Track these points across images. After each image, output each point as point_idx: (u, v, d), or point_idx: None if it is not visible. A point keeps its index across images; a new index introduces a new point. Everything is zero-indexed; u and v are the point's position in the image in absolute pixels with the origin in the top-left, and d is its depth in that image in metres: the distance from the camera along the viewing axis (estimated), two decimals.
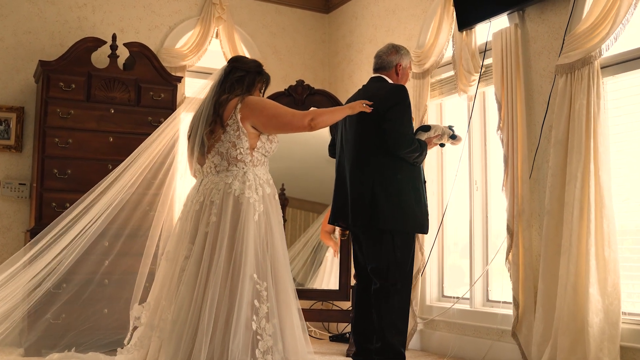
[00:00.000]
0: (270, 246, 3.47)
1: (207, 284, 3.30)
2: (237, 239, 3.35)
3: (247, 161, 3.50)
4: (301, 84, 5.57)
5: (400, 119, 3.87)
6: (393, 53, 4.14)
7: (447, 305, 5.03)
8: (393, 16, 5.82)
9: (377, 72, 4.15)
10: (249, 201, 3.42)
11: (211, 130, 3.52)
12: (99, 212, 3.84)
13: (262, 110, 3.51)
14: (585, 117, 3.91)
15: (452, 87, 5.11)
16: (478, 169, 4.98)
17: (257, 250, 3.40)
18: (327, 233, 5.81)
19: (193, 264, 3.38)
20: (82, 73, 5.06)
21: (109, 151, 5.09)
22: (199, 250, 3.40)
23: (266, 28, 6.49)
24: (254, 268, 3.34)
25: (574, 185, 3.89)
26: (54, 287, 3.81)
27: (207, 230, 3.41)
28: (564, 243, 3.91)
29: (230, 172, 3.49)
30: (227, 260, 3.32)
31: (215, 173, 3.53)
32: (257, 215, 3.43)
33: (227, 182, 3.46)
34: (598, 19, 3.92)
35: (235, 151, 3.48)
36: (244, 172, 3.49)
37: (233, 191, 3.43)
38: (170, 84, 5.39)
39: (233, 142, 3.47)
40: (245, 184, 3.45)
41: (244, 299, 3.26)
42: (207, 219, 3.44)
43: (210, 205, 3.45)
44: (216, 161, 3.52)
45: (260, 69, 3.72)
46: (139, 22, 5.83)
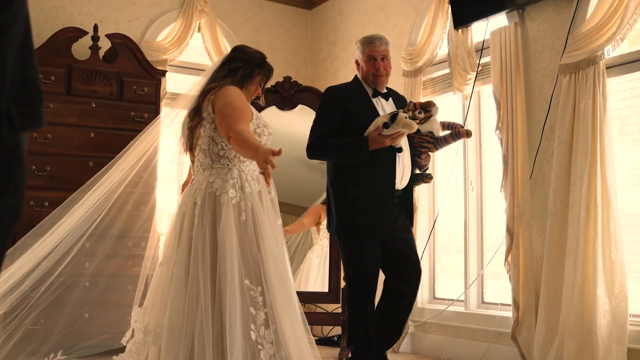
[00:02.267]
0: (262, 247, 3.23)
1: (198, 293, 3.05)
2: (219, 243, 3.09)
3: (231, 157, 3.23)
4: (288, 80, 5.44)
5: (313, 123, 3.85)
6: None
7: (439, 307, 4.95)
8: (382, 13, 5.73)
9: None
10: (232, 201, 3.15)
11: (194, 122, 3.29)
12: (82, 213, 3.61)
13: (224, 96, 3.18)
14: (592, 117, 3.87)
15: (446, 86, 5.04)
16: (473, 169, 4.91)
17: (247, 253, 3.14)
18: (302, 225, 5.70)
19: (180, 271, 3.15)
20: (62, 65, 4.83)
21: (90, 147, 4.87)
22: (185, 256, 3.17)
23: (248, 22, 6.32)
24: (245, 273, 3.10)
25: (579, 186, 3.85)
26: (31, 290, 3.60)
27: (192, 234, 3.18)
28: (570, 245, 3.86)
29: (214, 170, 3.23)
30: (213, 266, 3.08)
31: (201, 171, 3.29)
32: (244, 215, 3.16)
33: (209, 180, 3.21)
34: (604, 19, 3.89)
35: (216, 147, 3.22)
36: (229, 169, 3.22)
37: (214, 190, 3.18)
38: (154, 78, 5.19)
39: (211, 136, 3.21)
40: (228, 181, 3.18)
41: (236, 308, 3.01)
42: (191, 222, 3.21)
43: (194, 207, 3.22)
44: (201, 159, 3.28)
45: (262, 61, 3.43)
46: (118, 13, 5.60)
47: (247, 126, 3.12)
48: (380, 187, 3.71)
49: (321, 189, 5.53)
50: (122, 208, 3.75)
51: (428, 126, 3.66)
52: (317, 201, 5.68)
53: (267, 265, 3.15)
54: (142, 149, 3.65)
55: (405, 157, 3.78)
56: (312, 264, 5.68)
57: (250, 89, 3.39)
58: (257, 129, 3.32)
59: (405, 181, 3.82)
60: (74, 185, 4.67)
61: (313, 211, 5.70)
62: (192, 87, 3.54)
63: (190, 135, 3.32)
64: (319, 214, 5.68)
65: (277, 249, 3.23)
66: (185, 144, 3.39)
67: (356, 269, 3.81)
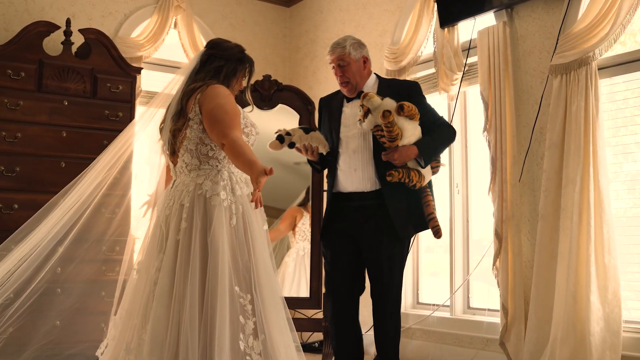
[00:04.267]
0: (253, 252, 3.07)
1: (184, 301, 2.88)
2: (210, 248, 2.92)
3: (220, 158, 3.08)
4: (268, 79, 5.27)
5: None
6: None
7: (423, 312, 4.84)
8: (364, 11, 5.60)
9: None
10: (223, 203, 3.00)
11: (178, 125, 3.11)
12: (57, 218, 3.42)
13: (214, 97, 3.03)
14: (584, 119, 3.79)
15: (431, 86, 4.93)
16: (459, 171, 4.81)
17: (237, 258, 2.98)
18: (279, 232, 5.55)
19: (165, 277, 2.95)
20: (33, 60, 4.60)
21: (62, 147, 4.66)
22: (171, 261, 2.98)
23: (226, 19, 6.15)
24: (235, 280, 2.94)
25: (572, 190, 3.77)
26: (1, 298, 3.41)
27: (178, 238, 2.99)
28: (562, 249, 3.78)
29: (202, 171, 3.07)
30: (202, 272, 2.90)
31: (187, 172, 3.11)
32: (234, 219, 3.02)
33: (198, 182, 3.04)
34: (596, 19, 3.81)
35: (205, 147, 3.06)
36: (218, 170, 3.07)
37: (204, 192, 3.01)
38: (129, 75, 4.99)
39: (199, 137, 3.05)
40: (219, 183, 3.03)
41: (226, 317, 2.85)
42: (177, 225, 3.02)
43: (180, 209, 3.03)
44: (187, 159, 3.10)
45: (242, 55, 3.25)
46: (92, 8, 5.38)
47: (240, 133, 2.99)
48: (330, 189, 3.72)
49: (297, 189, 5.40)
50: (96, 211, 3.56)
51: (371, 120, 3.48)
52: (293, 204, 5.53)
53: (258, 272, 3.00)
54: (118, 149, 3.47)
55: (360, 158, 3.61)
56: (288, 268, 5.52)
57: (234, 86, 3.25)
58: (245, 128, 3.17)
59: (358, 184, 3.60)
60: (44, 186, 4.51)
61: (288, 215, 5.53)
62: (168, 85, 3.36)
63: (173, 139, 3.15)
64: (295, 216, 5.54)
65: (267, 254, 3.08)
66: (167, 148, 3.21)
67: (325, 271, 3.79)
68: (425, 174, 3.54)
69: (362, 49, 3.69)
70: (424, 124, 3.54)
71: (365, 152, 3.60)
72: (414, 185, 3.50)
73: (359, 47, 3.68)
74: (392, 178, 3.43)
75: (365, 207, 3.59)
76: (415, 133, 3.49)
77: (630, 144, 3.92)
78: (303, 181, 5.31)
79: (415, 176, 3.49)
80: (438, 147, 3.60)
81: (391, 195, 3.54)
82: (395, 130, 3.40)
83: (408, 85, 3.80)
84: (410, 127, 3.46)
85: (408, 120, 3.45)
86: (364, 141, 3.60)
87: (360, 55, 3.66)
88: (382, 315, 3.56)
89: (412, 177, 3.48)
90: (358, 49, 3.67)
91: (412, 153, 3.47)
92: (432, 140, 3.54)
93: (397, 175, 3.43)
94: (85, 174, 3.42)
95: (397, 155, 3.44)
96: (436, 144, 3.57)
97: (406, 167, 3.49)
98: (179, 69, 3.39)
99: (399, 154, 3.44)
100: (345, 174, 3.64)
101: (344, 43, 3.66)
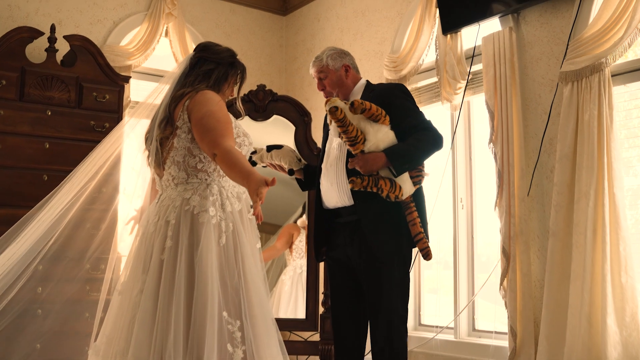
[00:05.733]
0: (243, 274, 2.79)
1: (167, 326, 2.61)
2: (197, 269, 2.67)
3: (210, 171, 2.85)
4: (262, 88, 5.03)
5: None
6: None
7: (425, 335, 4.58)
8: (362, 18, 5.38)
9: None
10: (211, 220, 2.75)
11: (165, 133, 2.87)
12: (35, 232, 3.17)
13: (204, 104, 2.80)
14: (597, 129, 3.56)
15: (433, 95, 4.70)
16: (463, 185, 4.57)
17: (226, 281, 2.72)
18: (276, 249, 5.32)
19: (148, 300, 2.70)
20: (15, 68, 4.37)
21: (45, 159, 4.40)
22: (154, 283, 2.72)
23: (220, 28, 5.93)
24: (223, 304, 2.68)
25: (585, 204, 3.52)
26: None
27: (162, 258, 2.74)
28: (575, 268, 3.53)
29: (190, 185, 2.82)
30: (188, 296, 2.65)
31: (173, 186, 2.86)
32: (224, 238, 2.77)
33: (185, 197, 2.79)
34: (609, 23, 3.59)
35: (193, 159, 2.83)
36: (207, 184, 2.83)
37: (191, 208, 2.76)
38: (116, 84, 4.75)
39: (187, 147, 2.82)
40: (208, 198, 2.78)
41: (214, 345, 2.59)
42: (162, 244, 2.77)
43: (165, 226, 2.78)
44: (173, 172, 2.86)
45: (233, 59, 3.04)
46: (79, 15, 5.16)
47: (233, 142, 2.76)
48: (317, 206, 3.51)
49: (294, 205, 5.17)
50: (80, 226, 3.32)
51: (335, 126, 3.25)
52: (289, 220, 5.30)
53: (248, 296, 2.74)
54: (101, 160, 3.23)
55: (335, 171, 3.36)
56: (284, 287, 5.28)
57: (225, 92, 3.02)
58: (237, 138, 2.93)
59: (338, 199, 3.34)
60: (25, 201, 4.25)
61: (285, 232, 5.30)
62: (152, 94, 3.13)
63: (159, 148, 2.90)
64: (291, 233, 5.31)
65: (258, 276, 2.82)
66: (153, 159, 2.96)
67: (330, 296, 3.59)
68: (402, 184, 3.17)
69: (343, 57, 3.49)
70: (405, 129, 3.23)
71: (340, 163, 3.34)
72: (387, 197, 3.15)
73: (339, 56, 3.48)
74: (354, 186, 3.11)
75: (351, 223, 3.32)
76: (383, 138, 3.16)
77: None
78: (300, 197, 5.08)
79: (385, 185, 3.12)
80: (413, 154, 3.19)
81: (364, 211, 3.23)
82: (353, 131, 3.11)
83: (390, 88, 3.49)
84: (373, 130, 3.15)
85: (371, 122, 3.15)
86: (340, 152, 3.35)
87: (340, 64, 3.46)
88: (376, 342, 3.28)
89: (381, 186, 3.12)
90: (337, 58, 3.47)
91: (380, 160, 3.13)
92: (406, 146, 3.18)
93: (359, 182, 3.10)
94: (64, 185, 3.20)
95: (361, 162, 3.14)
96: (410, 150, 3.18)
97: (374, 175, 3.15)
98: (163, 77, 3.15)
99: (363, 161, 3.14)
100: (325, 189, 3.41)
101: (321, 55, 3.51)
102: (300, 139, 4.80)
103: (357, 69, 3.55)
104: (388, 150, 3.16)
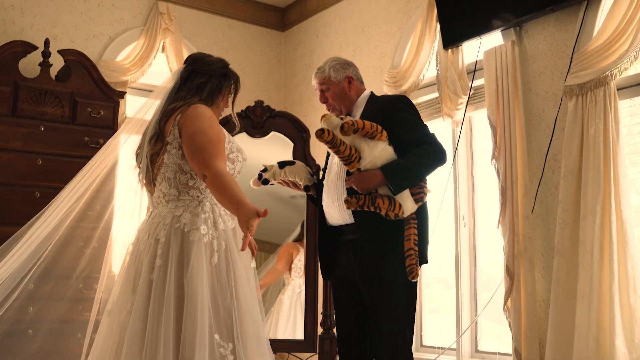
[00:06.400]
0: (235, 295, 2.67)
1: (157, 349, 2.48)
2: (187, 289, 2.54)
3: (202, 187, 2.73)
4: (260, 104, 4.94)
5: None
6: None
7: (427, 356, 4.46)
8: (362, 34, 5.31)
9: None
10: (203, 239, 2.63)
11: (155, 149, 2.75)
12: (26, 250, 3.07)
13: (195, 119, 2.68)
14: (603, 144, 3.46)
15: (434, 111, 4.61)
16: (465, 203, 4.46)
17: (218, 302, 2.60)
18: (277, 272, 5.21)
19: (136, 321, 2.57)
20: (8, 82, 4.29)
21: (37, 176, 4.31)
22: (143, 303, 2.60)
23: (217, 44, 5.86)
24: (215, 326, 2.56)
25: (592, 221, 3.42)
26: None
27: (152, 278, 2.62)
28: (582, 288, 3.41)
29: (181, 202, 2.71)
30: (177, 317, 2.52)
31: (164, 203, 2.75)
32: (216, 257, 2.64)
33: (175, 214, 2.68)
34: (614, 35, 3.51)
35: (184, 176, 2.71)
36: (199, 201, 2.72)
37: (182, 226, 2.64)
38: (111, 100, 4.67)
39: (178, 163, 2.70)
40: (200, 216, 2.66)
41: None
42: (151, 263, 2.64)
43: (155, 245, 2.66)
44: (164, 189, 2.74)
45: (226, 69, 2.93)
46: (75, 30, 5.09)
47: (224, 163, 2.64)
48: (320, 223, 3.39)
49: (293, 224, 5.07)
50: (72, 245, 3.21)
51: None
52: (288, 239, 5.19)
53: (242, 318, 2.60)
54: (92, 176, 3.12)
55: (335, 187, 3.24)
56: (283, 307, 5.16)
57: (220, 104, 2.91)
58: (230, 154, 2.81)
59: (339, 216, 3.22)
60: (17, 218, 4.10)
61: (284, 252, 5.19)
62: (141, 109, 3.03)
63: (150, 165, 2.80)
64: (291, 253, 5.21)
65: (252, 297, 2.70)
66: (144, 176, 2.85)
67: (335, 314, 3.44)
68: (402, 202, 3.03)
69: (346, 69, 3.38)
70: (406, 143, 3.11)
71: (340, 179, 3.21)
72: (387, 215, 3.01)
73: (342, 67, 3.37)
74: (349, 206, 3.00)
75: (354, 241, 3.19)
76: (380, 155, 3.03)
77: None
78: (299, 215, 4.98)
79: (383, 203, 2.99)
80: (412, 170, 3.05)
81: (366, 229, 3.11)
82: (346, 151, 3.00)
83: (391, 100, 3.37)
84: (368, 148, 3.03)
85: (366, 139, 3.03)
86: (340, 168, 3.22)
87: (343, 76, 3.35)
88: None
89: (378, 205, 2.99)
90: (340, 69, 3.36)
91: (376, 178, 3.01)
92: (405, 162, 3.04)
93: (354, 202, 2.98)
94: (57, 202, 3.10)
95: (356, 181, 3.03)
96: (409, 166, 3.04)
97: (371, 194, 3.02)
98: (152, 92, 3.04)
99: (359, 179, 3.02)
100: (326, 206, 3.29)
101: (323, 66, 3.41)
102: (298, 156, 4.69)
103: (361, 80, 3.44)
104: (385, 167, 3.04)
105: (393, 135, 3.11)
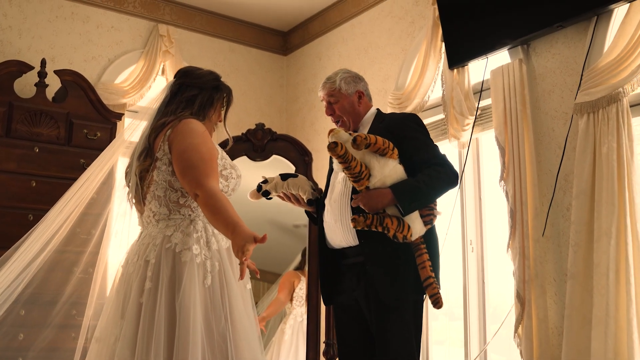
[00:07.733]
0: (230, 318, 2.52)
1: None
2: (179, 313, 2.40)
3: (194, 206, 2.60)
4: (261, 127, 4.83)
5: None
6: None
7: None
8: (365, 56, 5.22)
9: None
10: (195, 259, 2.49)
11: (144, 165, 2.62)
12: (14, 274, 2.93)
13: (186, 135, 2.56)
14: (617, 162, 3.32)
15: (440, 133, 4.49)
16: (472, 226, 4.31)
17: (212, 326, 2.46)
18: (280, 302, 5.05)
19: (125, 348, 2.42)
20: (2, 102, 4.21)
21: (31, 198, 4.19)
22: (132, 329, 2.45)
23: (218, 67, 5.76)
24: (208, 352, 2.41)
25: (606, 243, 3.26)
26: None
27: (141, 301, 2.47)
28: (597, 313, 3.24)
29: (172, 221, 2.58)
30: (168, 343, 2.38)
31: (155, 223, 2.62)
32: (209, 278, 2.50)
33: (166, 234, 2.54)
34: (625, 51, 3.39)
35: (174, 194, 2.58)
36: (191, 220, 2.59)
37: (173, 246, 2.50)
38: (108, 121, 4.57)
39: (168, 180, 2.57)
40: (191, 236, 2.53)
41: None
42: (140, 286, 2.50)
43: (145, 266, 2.52)
44: (154, 208, 2.61)
45: (217, 82, 2.81)
46: (73, 52, 5.01)
47: (217, 182, 2.52)
48: (321, 245, 3.22)
49: (294, 253, 4.93)
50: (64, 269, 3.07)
51: (337, 164, 2.96)
52: (289, 267, 5.05)
53: (237, 343, 2.44)
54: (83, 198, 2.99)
55: (339, 207, 3.07)
56: (285, 336, 4.99)
57: (212, 118, 2.78)
58: (223, 170, 2.68)
59: (342, 238, 3.07)
60: (9, 241, 3.96)
61: (286, 281, 5.05)
62: (128, 127, 2.94)
63: (139, 183, 2.66)
64: (292, 282, 5.06)
65: (248, 320, 2.54)
66: (133, 195, 2.72)
67: (337, 340, 3.26)
68: (411, 224, 2.89)
69: (358, 83, 3.25)
70: (417, 163, 2.97)
71: (344, 199, 3.05)
72: (395, 237, 2.86)
73: (353, 81, 3.24)
74: (356, 225, 2.83)
75: (357, 265, 3.03)
76: (390, 174, 2.90)
77: None
78: (300, 244, 4.84)
79: (392, 224, 2.84)
80: (423, 191, 2.90)
81: (371, 252, 2.96)
82: (357, 167, 2.85)
83: (400, 118, 3.23)
84: (379, 165, 2.88)
85: (377, 156, 2.89)
86: (344, 187, 3.07)
87: (353, 89, 3.21)
88: None
89: (386, 225, 2.84)
90: (351, 82, 3.22)
91: (385, 197, 2.86)
92: (416, 182, 2.90)
93: (362, 221, 2.83)
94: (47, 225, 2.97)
95: (365, 199, 2.89)
96: (420, 187, 2.89)
97: (380, 213, 2.88)
98: (138, 113, 2.93)
99: (368, 198, 2.88)
100: (328, 226, 3.12)
101: (334, 77, 3.24)
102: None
103: (370, 96, 3.31)
104: (395, 186, 2.89)
105: (404, 155, 2.97)
